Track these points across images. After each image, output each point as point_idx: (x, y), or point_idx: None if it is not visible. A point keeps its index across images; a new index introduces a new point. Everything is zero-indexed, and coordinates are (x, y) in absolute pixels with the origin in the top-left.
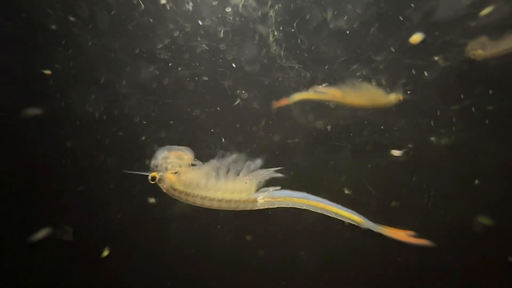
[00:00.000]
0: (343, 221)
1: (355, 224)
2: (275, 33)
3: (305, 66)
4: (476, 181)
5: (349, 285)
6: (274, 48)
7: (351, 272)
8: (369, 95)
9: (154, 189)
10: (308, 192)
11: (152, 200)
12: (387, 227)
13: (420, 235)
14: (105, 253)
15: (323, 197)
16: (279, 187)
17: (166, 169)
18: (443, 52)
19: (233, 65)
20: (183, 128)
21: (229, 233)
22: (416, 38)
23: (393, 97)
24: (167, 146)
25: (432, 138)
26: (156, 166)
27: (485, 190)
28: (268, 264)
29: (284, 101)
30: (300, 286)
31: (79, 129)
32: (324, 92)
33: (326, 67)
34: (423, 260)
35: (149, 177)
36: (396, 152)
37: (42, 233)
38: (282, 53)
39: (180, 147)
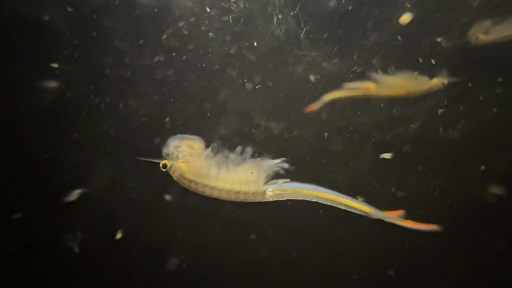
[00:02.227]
0: (345, 211)
1: (365, 215)
2: (279, 17)
3: (320, 55)
4: (482, 167)
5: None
6: (282, 34)
7: (357, 262)
8: (408, 83)
9: (159, 181)
10: (311, 183)
11: (167, 196)
12: (393, 212)
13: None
14: (118, 235)
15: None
16: (288, 180)
17: (177, 157)
18: (445, 33)
19: (240, 53)
20: (190, 119)
21: (235, 226)
22: (405, 18)
23: (436, 82)
24: (179, 135)
25: (439, 127)
26: (168, 155)
27: (491, 177)
28: (275, 258)
29: (314, 106)
30: (306, 278)
31: (85, 120)
32: (356, 88)
33: (334, 59)
34: (429, 249)
35: (160, 165)
36: (386, 155)
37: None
38: (291, 41)
39: (192, 137)
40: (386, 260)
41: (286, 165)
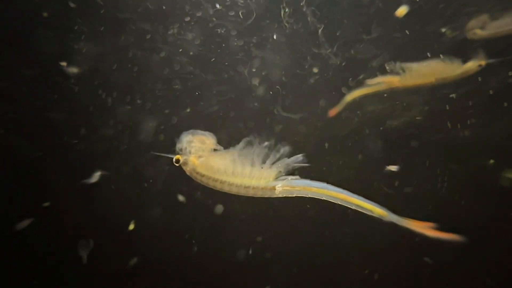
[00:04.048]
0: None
1: (378, 216)
2: (286, 10)
3: (329, 48)
4: (491, 161)
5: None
6: (290, 28)
7: (365, 258)
8: (438, 69)
9: (167, 175)
10: (314, 179)
11: (180, 197)
12: (410, 219)
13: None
14: (131, 226)
15: (330, 182)
16: (297, 176)
17: (190, 152)
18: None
19: (248, 48)
20: (199, 114)
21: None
22: (402, 11)
23: (471, 65)
24: (191, 131)
25: (448, 122)
26: (181, 150)
27: (500, 172)
28: (282, 255)
29: (336, 110)
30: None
31: (92, 115)
32: (378, 83)
33: (342, 53)
34: (437, 244)
35: (174, 160)
36: (392, 167)
37: None
38: (299, 34)
39: (204, 132)
40: (396, 254)
41: (301, 159)
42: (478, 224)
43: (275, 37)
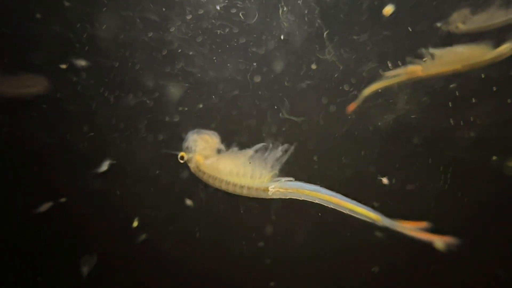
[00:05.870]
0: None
1: (371, 221)
2: (284, 9)
3: (329, 46)
4: (494, 158)
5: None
6: (288, 27)
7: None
8: (465, 55)
9: (169, 171)
10: (317, 176)
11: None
12: (404, 221)
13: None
14: (135, 223)
15: (333, 179)
16: (292, 178)
17: (195, 151)
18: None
19: (248, 47)
20: (199, 113)
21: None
22: (388, 9)
23: (504, 48)
24: (197, 130)
25: (450, 119)
26: (187, 148)
27: (503, 169)
28: (283, 257)
29: (354, 105)
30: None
31: (95, 113)
32: (398, 75)
33: (341, 50)
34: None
35: (179, 157)
36: (385, 180)
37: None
38: (298, 32)
39: (208, 132)
40: (402, 252)
41: (286, 150)
42: (481, 222)
43: (275, 36)
